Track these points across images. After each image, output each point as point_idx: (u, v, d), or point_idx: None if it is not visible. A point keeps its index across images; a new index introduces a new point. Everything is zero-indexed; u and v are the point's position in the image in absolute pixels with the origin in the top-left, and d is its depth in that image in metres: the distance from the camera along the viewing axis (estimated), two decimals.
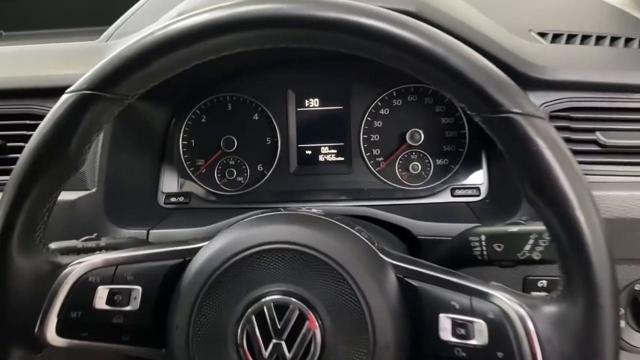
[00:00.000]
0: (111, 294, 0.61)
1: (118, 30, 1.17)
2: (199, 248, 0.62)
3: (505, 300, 0.54)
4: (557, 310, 0.52)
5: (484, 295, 0.56)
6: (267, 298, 0.56)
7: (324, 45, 0.56)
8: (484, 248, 0.73)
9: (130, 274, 0.62)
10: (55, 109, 0.57)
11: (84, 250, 0.75)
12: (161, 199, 1.18)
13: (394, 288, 0.58)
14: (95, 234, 0.79)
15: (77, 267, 0.62)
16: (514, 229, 0.72)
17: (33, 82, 1.00)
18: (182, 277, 0.60)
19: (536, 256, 0.70)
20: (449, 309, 0.56)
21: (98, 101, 0.57)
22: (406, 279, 0.59)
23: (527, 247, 0.70)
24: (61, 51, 1.11)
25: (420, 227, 0.95)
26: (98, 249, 0.76)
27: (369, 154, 1.16)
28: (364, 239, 0.63)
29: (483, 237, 0.73)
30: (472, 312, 0.55)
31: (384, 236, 0.90)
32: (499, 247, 0.72)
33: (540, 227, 0.70)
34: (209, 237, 0.63)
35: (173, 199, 1.17)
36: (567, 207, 0.49)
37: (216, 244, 0.60)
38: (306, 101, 1.19)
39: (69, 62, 1.04)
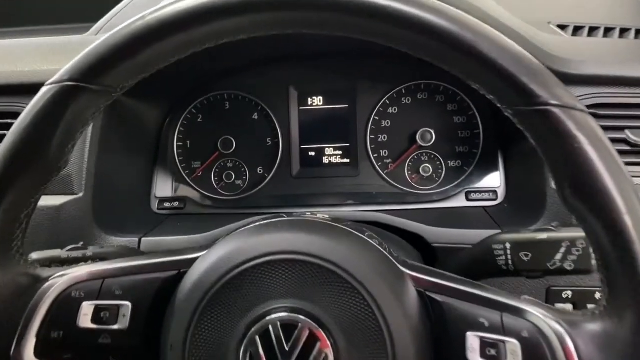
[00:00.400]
0: (97, 311, 0.57)
1: (109, 23, 1.13)
2: (195, 259, 0.58)
3: (540, 316, 0.50)
4: (601, 328, 0.48)
5: (516, 311, 0.51)
6: (273, 316, 0.51)
7: (333, 31, 0.52)
8: (509, 257, 0.68)
9: (119, 288, 0.58)
10: (34, 103, 0.53)
11: (68, 260, 0.71)
12: (154, 204, 1.15)
13: (414, 303, 0.54)
14: (82, 243, 0.75)
15: (59, 281, 0.58)
16: (543, 236, 0.67)
17: (14, 78, 0.96)
18: (177, 291, 0.56)
19: (569, 266, 0.65)
20: (477, 326, 0.52)
21: (82, 94, 0.52)
22: (428, 293, 0.55)
23: (559, 256, 0.65)
24: (46, 46, 1.07)
25: (435, 234, 0.91)
26: (84, 259, 0.72)
27: (376, 155, 1.13)
28: (380, 248, 0.58)
29: (508, 245, 0.69)
30: (504, 331, 0.50)
31: (396, 244, 0.86)
32: (526, 256, 0.67)
33: (573, 233, 0.65)
34: (206, 246, 0.59)
35: (167, 204, 1.14)
36: (613, 212, 0.44)
37: (215, 254, 0.56)
38: (309, 99, 1.15)
39: (54, 56, 1.00)
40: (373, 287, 0.52)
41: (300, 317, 0.51)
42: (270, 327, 0.51)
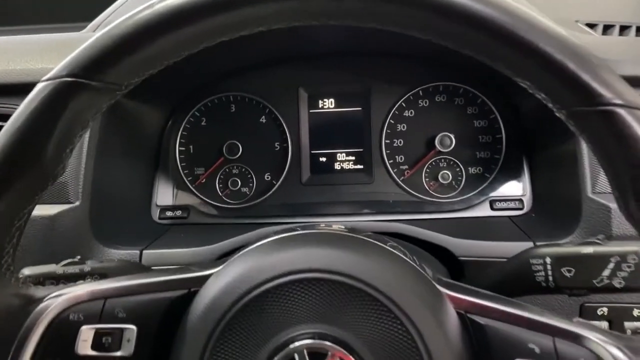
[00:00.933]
0: (98, 336, 0.53)
1: (108, 19, 1.11)
2: (208, 276, 0.54)
3: (599, 342, 0.46)
4: None
5: (570, 336, 0.48)
6: (298, 343, 0.48)
7: (365, 22, 0.48)
8: (550, 273, 0.65)
9: (122, 309, 0.54)
10: (27, 102, 0.49)
11: (64, 276, 0.67)
12: (155, 213, 1.12)
13: (456, 328, 0.50)
14: (79, 257, 0.72)
15: (55, 302, 0.54)
16: (589, 249, 0.63)
17: (5, 77, 0.94)
18: (188, 313, 0.52)
19: (618, 283, 0.61)
20: (527, 353, 0.48)
21: (82, 91, 0.49)
22: (469, 316, 0.51)
23: (607, 272, 0.62)
24: (40, 43, 1.04)
25: (462, 246, 0.88)
26: (82, 275, 0.68)
27: (391, 161, 1.10)
28: (415, 265, 0.54)
29: (548, 260, 0.65)
30: (558, 358, 0.47)
31: (423, 258, 0.81)
32: (569, 271, 0.64)
33: (623, 247, 0.62)
34: (219, 262, 0.56)
35: (169, 213, 1.12)
36: None
37: (231, 272, 0.52)
38: (320, 102, 1.13)
39: (49, 54, 0.97)
40: (411, 309, 0.48)
41: (329, 343, 0.48)
42: (296, 356, 0.47)
